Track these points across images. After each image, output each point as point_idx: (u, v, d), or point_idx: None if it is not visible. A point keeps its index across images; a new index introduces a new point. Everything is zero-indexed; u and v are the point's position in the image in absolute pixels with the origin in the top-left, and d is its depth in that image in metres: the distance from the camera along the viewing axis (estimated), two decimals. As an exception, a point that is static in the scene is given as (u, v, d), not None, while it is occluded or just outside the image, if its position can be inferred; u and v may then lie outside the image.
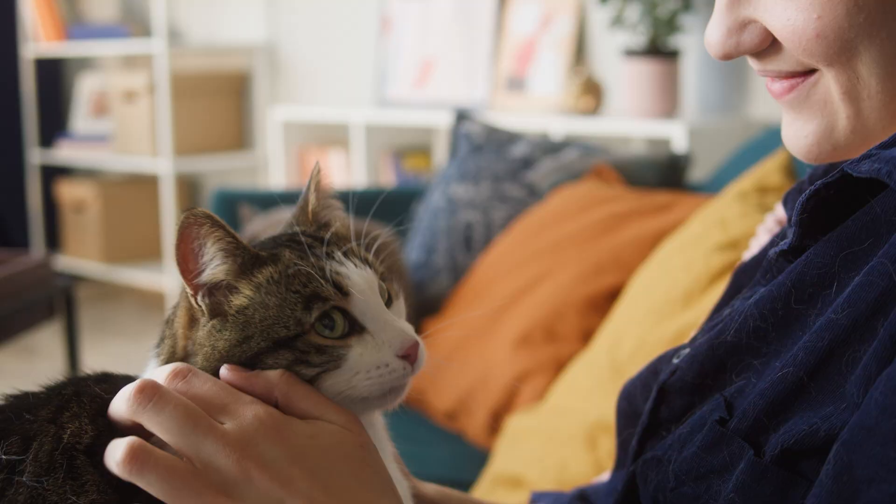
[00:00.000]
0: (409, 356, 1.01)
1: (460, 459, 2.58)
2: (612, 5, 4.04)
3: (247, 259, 1.02)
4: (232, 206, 3.63)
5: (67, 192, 6.86)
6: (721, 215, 2.13)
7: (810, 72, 0.99)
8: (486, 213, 3.24)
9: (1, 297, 3.02)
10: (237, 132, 6.55)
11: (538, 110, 4.71)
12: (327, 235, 1.05)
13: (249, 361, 1.00)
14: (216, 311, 1.02)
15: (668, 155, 3.21)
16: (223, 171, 6.60)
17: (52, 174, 7.13)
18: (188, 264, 1.01)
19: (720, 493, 0.96)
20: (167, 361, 1.04)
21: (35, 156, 7.01)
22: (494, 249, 3.06)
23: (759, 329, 1.01)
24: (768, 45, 1.00)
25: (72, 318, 3.33)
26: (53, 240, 7.20)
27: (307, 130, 5.70)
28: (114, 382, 1.03)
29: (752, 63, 1.03)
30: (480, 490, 2.27)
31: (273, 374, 0.99)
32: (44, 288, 3.22)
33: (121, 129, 6.53)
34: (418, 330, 2.97)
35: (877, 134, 0.97)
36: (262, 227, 2.97)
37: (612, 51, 4.52)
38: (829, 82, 0.98)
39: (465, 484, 2.38)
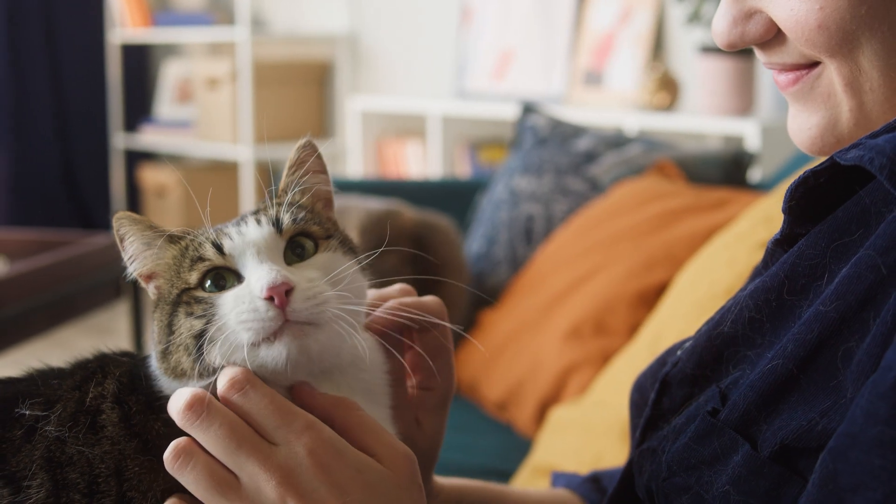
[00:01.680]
0: (275, 298, 0.99)
1: (508, 450, 2.59)
2: (690, 2, 4.02)
3: (162, 245, 1.07)
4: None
5: (150, 176, 6.95)
6: (768, 212, 2.11)
7: (814, 64, 0.99)
8: (547, 205, 3.24)
9: (68, 277, 3.08)
10: (318, 121, 6.60)
11: (614, 105, 4.70)
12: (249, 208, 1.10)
13: (169, 333, 1.03)
14: (159, 297, 1.07)
15: (733, 152, 3.18)
16: (303, 160, 6.64)
17: (136, 159, 7.23)
18: (127, 261, 1.08)
19: (712, 483, 0.96)
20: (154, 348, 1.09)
21: (119, 140, 7.11)
22: (553, 242, 3.06)
23: (755, 320, 1.01)
24: (773, 36, 1.01)
25: (138, 299, 3.38)
26: (135, 224, 7.29)
27: (386, 121, 5.74)
28: (135, 357, 1.11)
29: (759, 55, 1.04)
30: (520, 479, 2.28)
31: (335, 397, 1.03)
32: (111, 269, 3.27)
33: (203, 115, 6.61)
34: (474, 321, 2.97)
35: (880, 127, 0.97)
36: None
37: (690, 47, 4.50)
38: (831, 74, 0.98)
39: (509, 473, 2.39)
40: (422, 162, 5.54)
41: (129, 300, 3.42)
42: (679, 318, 2.13)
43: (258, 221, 1.05)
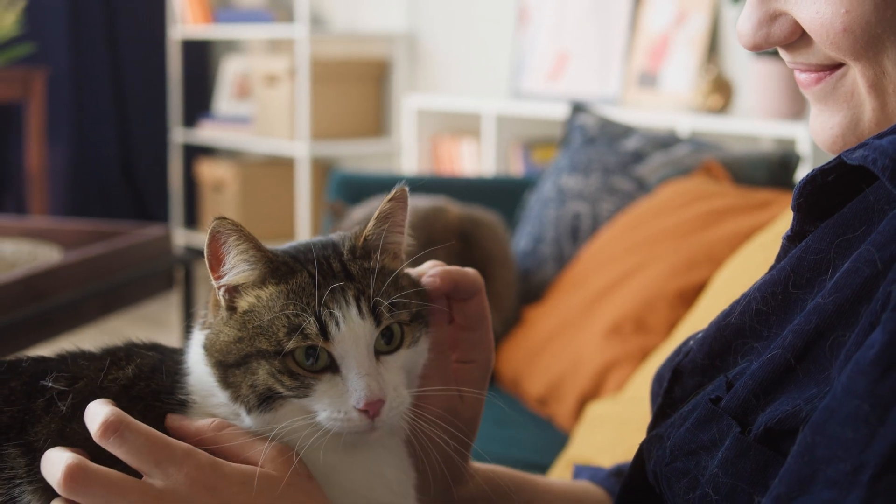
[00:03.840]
0: (369, 412, 1.04)
1: (547, 444, 2.60)
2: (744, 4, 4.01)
3: (264, 271, 1.08)
4: (352, 189, 3.70)
5: (208, 171, 7.02)
6: (807, 213, 2.11)
7: (838, 65, 1.00)
8: (594, 204, 3.25)
9: (121, 267, 3.13)
10: (375, 118, 6.64)
11: (668, 107, 4.70)
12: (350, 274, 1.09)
13: (241, 361, 1.06)
14: (231, 306, 1.09)
15: (780, 154, 3.18)
16: (358, 156, 6.69)
17: (194, 153, 7.31)
18: (215, 263, 1.09)
19: (707, 468, 0.98)
20: (201, 329, 1.13)
21: (178, 135, 7.18)
22: (598, 240, 3.08)
23: (761, 312, 1.03)
24: (797, 38, 1.01)
25: (189, 291, 3.42)
26: (192, 217, 7.38)
27: (441, 119, 5.76)
28: (162, 351, 1.16)
29: (783, 55, 1.05)
30: (555, 472, 2.29)
31: (204, 422, 1.07)
32: (163, 260, 3.32)
33: (261, 111, 6.66)
34: (519, 316, 2.98)
35: None
36: (363, 214, 3.01)
37: (744, 50, 4.48)
38: (855, 75, 0.99)
39: (547, 467, 2.40)
40: (476, 160, 5.56)
41: (180, 292, 3.46)
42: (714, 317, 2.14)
43: (360, 309, 1.06)
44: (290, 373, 1.04)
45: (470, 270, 1.18)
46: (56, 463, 0.99)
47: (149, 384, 1.09)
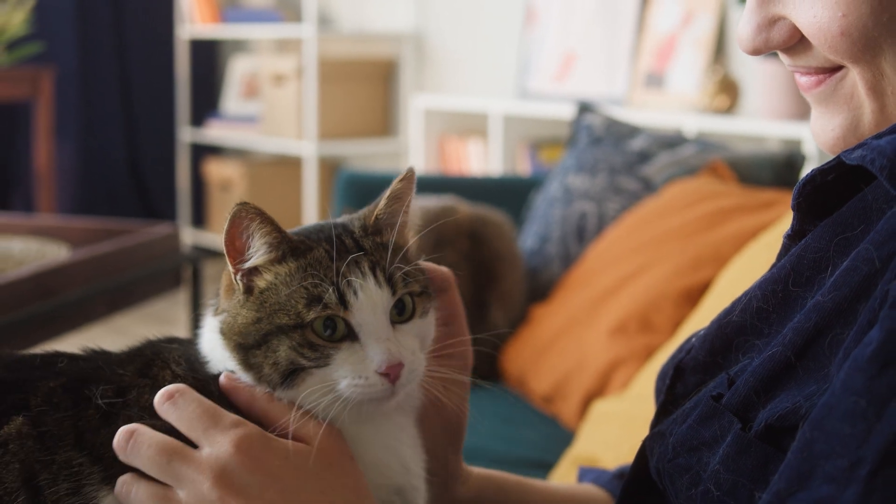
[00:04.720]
0: (390, 375, 1.07)
1: (552, 442, 2.61)
2: (750, 4, 4.01)
3: (285, 251, 1.11)
4: (359, 189, 3.71)
5: (215, 170, 7.03)
6: (811, 212, 2.12)
7: (838, 67, 1.01)
8: (600, 204, 3.26)
9: (129, 265, 3.13)
10: (382, 118, 6.65)
11: (675, 107, 4.71)
12: (362, 248, 1.12)
13: (261, 340, 1.09)
14: (248, 289, 1.12)
15: (786, 154, 3.19)
16: (366, 156, 6.70)
17: (202, 152, 7.32)
18: (234, 248, 1.11)
19: (709, 464, 1.00)
20: (214, 315, 1.15)
21: (186, 134, 7.20)
22: (603, 240, 3.09)
23: (762, 310, 1.05)
24: (797, 42, 1.02)
25: (197, 289, 3.43)
26: (200, 216, 7.39)
27: (448, 119, 5.77)
28: (181, 343, 1.18)
29: (783, 58, 1.06)
30: (560, 470, 2.31)
31: (258, 391, 1.10)
32: (170, 259, 3.32)
33: (269, 111, 6.67)
34: (525, 315, 2.98)
35: None
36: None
37: (749, 51, 4.49)
38: (854, 78, 1.00)
39: (552, 465, 2.42)
40: (483, 160, 5.57)
41: (187, 290, 3.47)
42: (718, 316, 2.15)
43: (376, 278, 1.10)
44: (311, 344, 1.07)
45: (440, 267, 1.22)
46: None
47: (194, 376, 1.13)
